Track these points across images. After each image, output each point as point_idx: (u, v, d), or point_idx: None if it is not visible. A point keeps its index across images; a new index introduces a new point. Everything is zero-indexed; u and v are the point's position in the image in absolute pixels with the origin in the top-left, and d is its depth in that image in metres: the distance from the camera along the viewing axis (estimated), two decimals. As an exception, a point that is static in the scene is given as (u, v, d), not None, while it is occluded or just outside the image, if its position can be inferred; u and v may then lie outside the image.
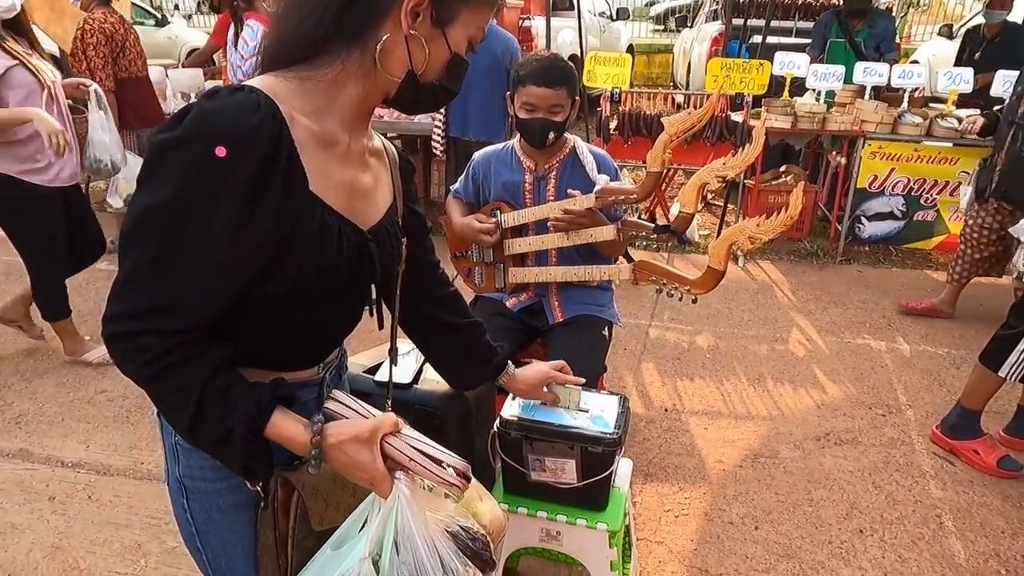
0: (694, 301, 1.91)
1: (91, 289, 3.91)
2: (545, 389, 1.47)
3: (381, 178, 1.06)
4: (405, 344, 1.66)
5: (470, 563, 0.92)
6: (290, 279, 0.90)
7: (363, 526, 0.94)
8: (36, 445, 2.59)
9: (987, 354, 2.48)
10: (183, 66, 6.14)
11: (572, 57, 6.54)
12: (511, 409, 1.53)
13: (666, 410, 2.88)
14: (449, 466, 0.90)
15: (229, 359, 0.89)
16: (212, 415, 0.85)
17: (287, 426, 0.89)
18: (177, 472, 1.02)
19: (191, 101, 1.01)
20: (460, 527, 0.94)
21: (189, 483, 1.01)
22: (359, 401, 0.95)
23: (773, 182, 4.93)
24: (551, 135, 2.03)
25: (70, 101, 2.89)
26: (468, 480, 0.91)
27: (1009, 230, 3.19)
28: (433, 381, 1.54)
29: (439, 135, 4.48)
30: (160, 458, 1.06)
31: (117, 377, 3.06)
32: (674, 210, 2.00)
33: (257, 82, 0.89)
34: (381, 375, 1.54)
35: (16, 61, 2.61)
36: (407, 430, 0.92)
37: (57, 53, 5.57)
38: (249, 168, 0.81)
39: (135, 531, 2.16)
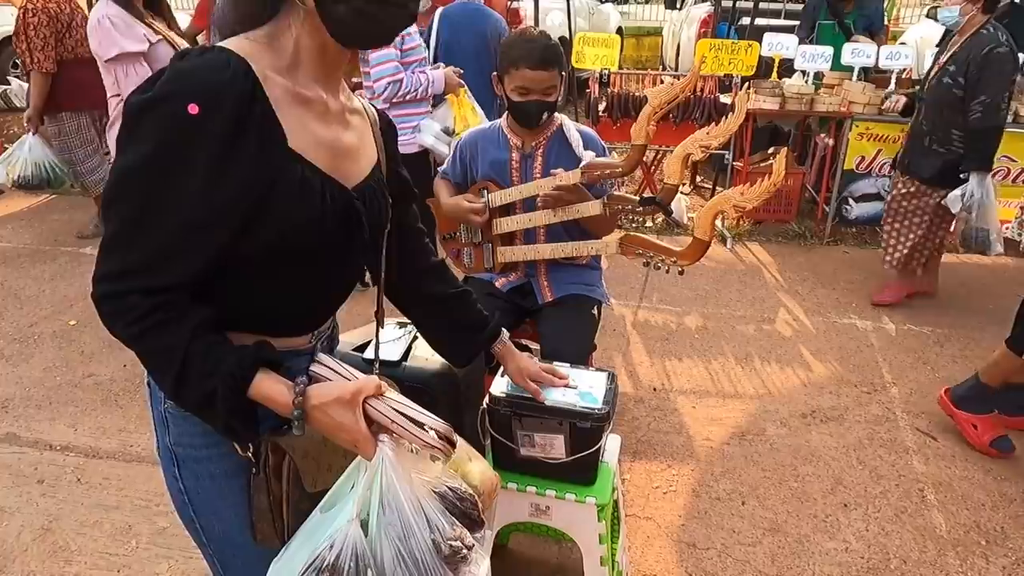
0: (681, 272, 1.92)
1: (75, 273, 3.88)
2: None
3: (364, 137, 1.06)
4: (398, 321, 1.67)
5: (457, 523, 0.93)
6: (273, 236, 0.90)
7: (352, 488, 0.94)
8: (24, 429, 2.58)
9: (1013, 338, 2.46)
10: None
11: (561, 39, 6.50)
12: (500, 386, 1.53)
13: (654, 389, 2.90)
14: (431, 429, 0.91)
15: (212, 320, 0.89)
16: (195, 374, 0.86)
17: (270, 387, 0.89)
18: (168, 440, 1.02)
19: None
20: (448, 487, 0.95)
21: (180, 451, 1.02)
22: (344, 364, 0.96)
23: (761, 164, 4.94)
24: (545, 115, 2.03)
25: None
26: (452, 443, 0.92)
27: (943, 202, 3.32)
28: (423, 358, 1.55)
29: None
30: (150, 432, 1.06)
31: (105, 361, 3.05)
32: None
33: (227, 43, 0.90)
34: (370, 352, 1.54)
35: (160, 37, 2.73)
36: (391, 393, 0.93)
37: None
38: (222, 123, 0.82)
39: (125, 513, 2.16)
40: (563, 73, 2.03)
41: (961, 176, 3.20)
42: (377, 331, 1.27)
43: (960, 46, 3.20)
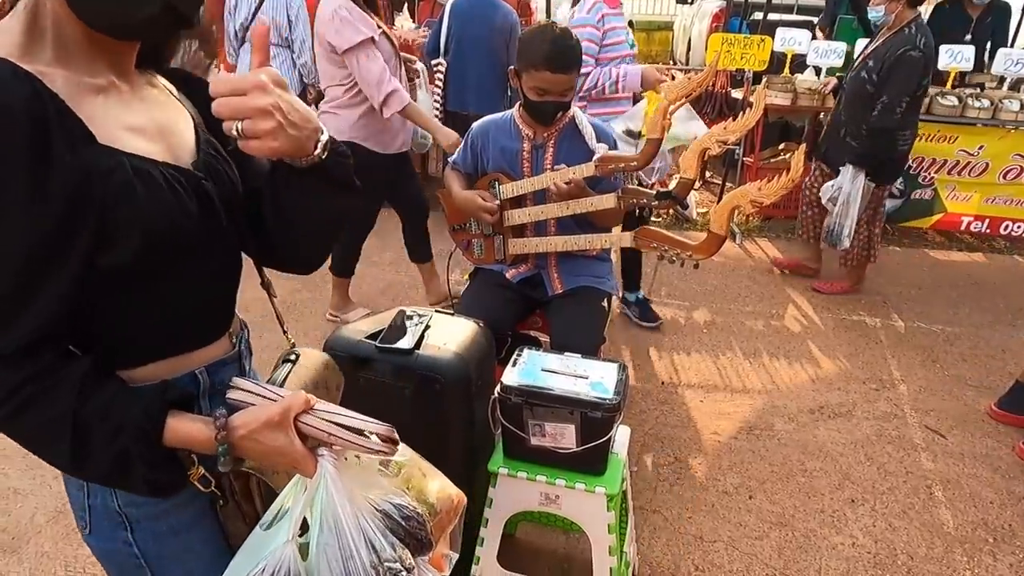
0: (696, 266, 1.93)
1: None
2: None
3: (179, 111, 0.93)
4: (411, 309, 1.68)
5: (399, 544, 0.87)
6: (137, 240, 0.79)
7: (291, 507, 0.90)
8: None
9: None
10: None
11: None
12: (512, 376, 1.54)
13: (663, 383, 2.90)
14: (372, 433, 0.85)
15: (95, 369, 0.79)
16: (97, 441, 0.76)
17: (187, 427, 0.81)
18: (116, 504, 0.90)
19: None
20: (393, 505, 0.89)
21: (132, 511, 0.91)
22: (261, 383, 0.90)
23: (772, 159, 4.92)
24: (560, 113, 2.04)
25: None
26: (395, 443, 0.87)
27: (820, 193, 3.42)
28: (435, 347, 1.55)
29: (437, 109, 4.44)
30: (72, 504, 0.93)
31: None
32: (674, 184, 2.00)
33: None
34: (383, 341, 1.56)
35: (381, 30, 2.83)
36: (320, 404, 0.86)
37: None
38: (21, 137, 0.70)
39: (137, 497, 2.19)
40: (580, 72, 2.04)
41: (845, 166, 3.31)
42: (272, 302, 1.16)
43: (883, 42, 3.24)
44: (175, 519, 0.92)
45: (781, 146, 5.19)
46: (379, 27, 2.84)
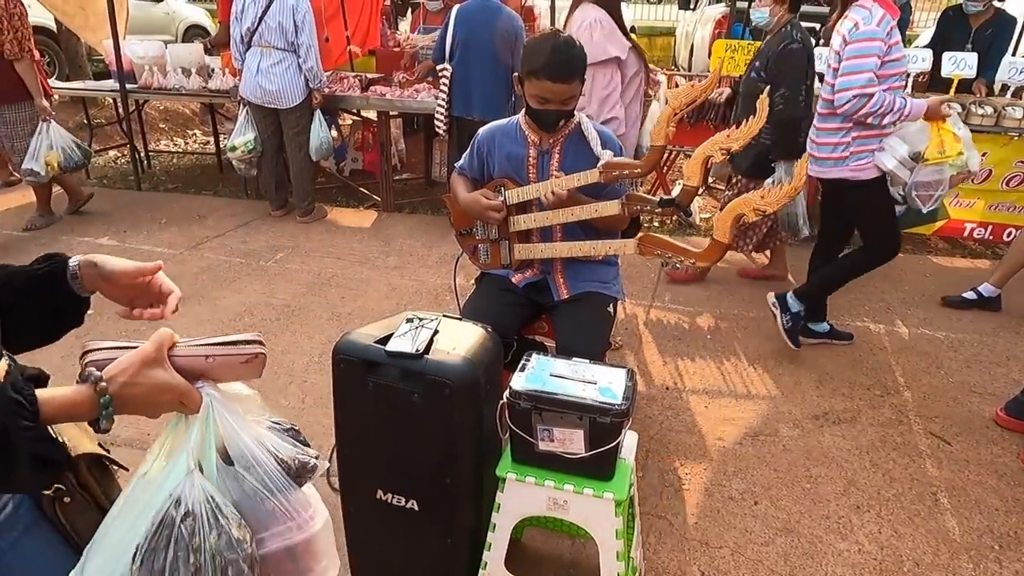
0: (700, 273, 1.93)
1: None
2: None
3: None
4: (418, 314, 1.68)
5: (300, 446, 0.99)
6: None
7: (169, 446, 0.93)
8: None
9: None
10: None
11: (575, 38, 6.50)
12: (520, 381, 1.55)
13: (667, 388, 2.91)
14: (242, 341, 0.93)
15: None
16: None
17: (59, 395, 0.79)
18: None
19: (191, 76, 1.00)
20: (271, 422, 1.00)
21: None
22: (113, 341, 0.91)
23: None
24: (562, 122, 2.06)
25: None
26: (263, 343, 0.95)
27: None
28: (444, 352, 1.56)
29: (442, 114, 4.46)
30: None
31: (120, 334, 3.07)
32: (676, 191, 2.01)
33: None
34: (392, 346, 1.56)
35: (630, 45, 2.91)
36: (184, 339, 0.92)
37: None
38: None
39: (143, 500, 2.19)
40: (584, 79, 2.04)
41: (772, 166, 3.39)
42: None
43: (765, 43, 3.40)
44: (11, 531, 0.88)
45: (784, 152, 5.19)
46: (630, 43, 2.91)
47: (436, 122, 4.50)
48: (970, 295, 3.67)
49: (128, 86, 5.16)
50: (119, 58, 5.05)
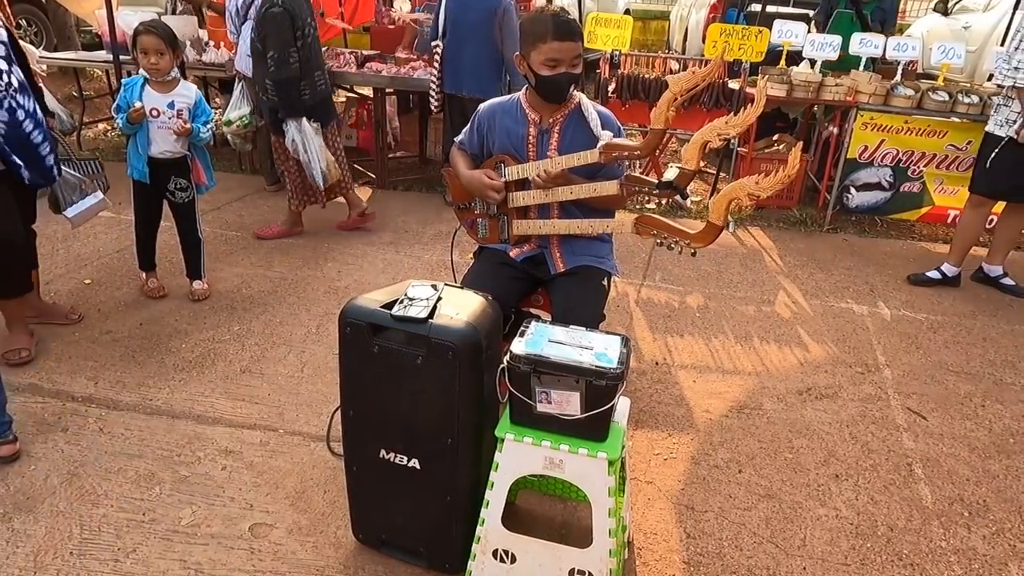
0: (693, 254, 2.01)
1: (90, 234, 3.95)
2: None
3: None
4: (422, 282, 1.75)
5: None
6: None
7: None
8: (45, 381, 2.65)
9: None
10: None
11: (570, 19, 6.50)
12: (520, 345, 1.62)
13: (657, 363, 2.99)
14: None
15: None
16: None
17: None
18: None
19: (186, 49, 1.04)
20: None
21: None
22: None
23: (766, 150, 5.01)
24: (572, 87, 2.10)
25: None
26: None
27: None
28: (448, 317, 1.62)
29: (435, 91, 4.49)
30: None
31: (120, 318, 3.12)
32: (668, 174, 2.07)
33: None
34: (397, 310, 1.62)
35: None
36: None
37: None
38: None
39: (148, 461, 2.25)
40: (584, 46, 2.10)
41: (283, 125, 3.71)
42: None
43: (255, 7, 3.74)
44: None
45: (775, 137, 5.28)
46: None
47: (430, 99, 4.53)
48: (934, 274, 3.85)
49: (122, 57, 5.12)
50: (112, 28, 5.01)
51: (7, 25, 2.52)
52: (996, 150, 3.47)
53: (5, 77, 2.33)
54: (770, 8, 6.19)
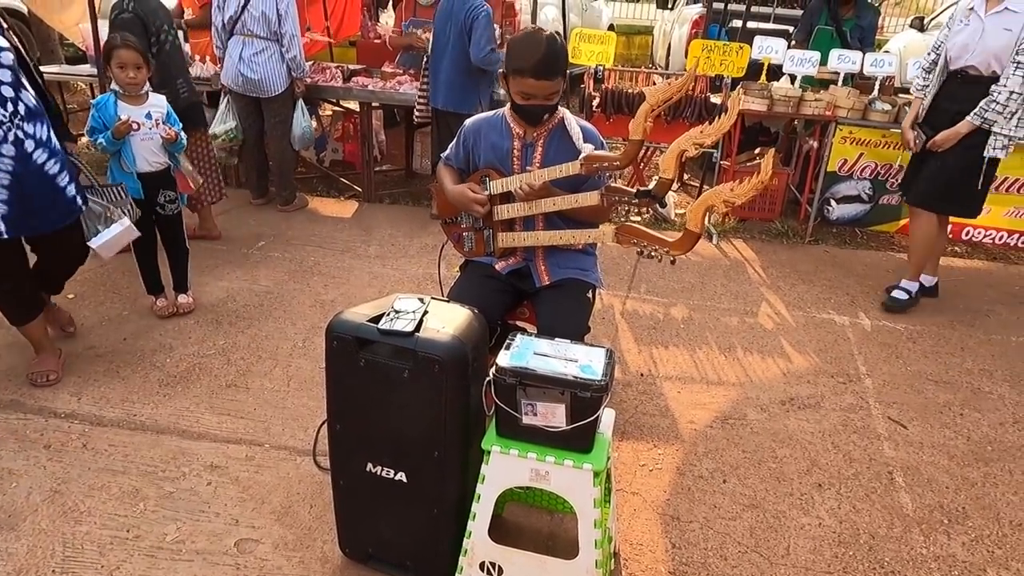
0: (672, 262, 2.04)
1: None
2: None
3: None
4: (409, 296, 1.76)
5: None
6: None
7: None
8: (28, 397, 2.63)
9: None
10: None
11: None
12: (506, 358, 1.63)
13: (642, 375, 3.02)
14: None
15: None
16: None
17: None
18: None
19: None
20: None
21: None
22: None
23: (748, 163, 5.08)
24: (546, 116, 2.15)
25: None
26: None
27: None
28: (434, 330, 1.64)
29: (422, 105, 4.52)
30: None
31: (104, 334, 3.10)
32: (654, 183, 2.11)
33: None
34: (384, 324, 1.64)
35: None
36: None
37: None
38: None
39: (132, 477, 2.23)
40: (566, 76, 2.13)
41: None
42: None
43: None
44: None
45: (757, 150, 5.36)
46: None
47: (416, 112, 4.56)
48: (912, 287, 3.81)
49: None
50: (97, 42, 5.00)
51: (16, 45, 2.44)
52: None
53: (11, 106, 2.24)
54: (751, 24, 6.32)
